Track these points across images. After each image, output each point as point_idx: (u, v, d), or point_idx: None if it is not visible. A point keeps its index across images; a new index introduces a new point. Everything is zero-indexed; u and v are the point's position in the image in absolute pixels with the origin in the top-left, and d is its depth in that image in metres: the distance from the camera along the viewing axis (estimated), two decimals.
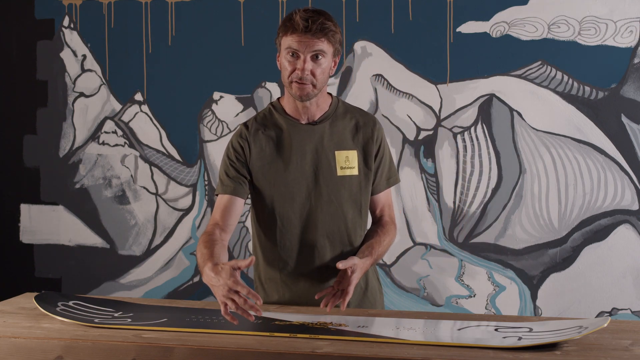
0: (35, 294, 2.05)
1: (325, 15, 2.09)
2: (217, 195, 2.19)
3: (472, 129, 3.25)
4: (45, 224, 3.67)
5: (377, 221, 2.24)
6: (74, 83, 3.62)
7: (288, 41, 2.07)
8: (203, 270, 1.94)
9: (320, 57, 2.06)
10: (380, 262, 3.33)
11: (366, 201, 2.19)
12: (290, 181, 2.14)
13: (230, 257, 3.49)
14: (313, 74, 2.07)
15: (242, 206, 2.17)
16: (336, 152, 2.15)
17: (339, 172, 2.14)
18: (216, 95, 3.48)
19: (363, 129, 2.18)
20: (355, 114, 2.21)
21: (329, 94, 2.22)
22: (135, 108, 3.57)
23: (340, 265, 1.99)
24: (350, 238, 2.16)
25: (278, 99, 2.22)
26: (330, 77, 2.19)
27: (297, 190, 2.14)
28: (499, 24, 3.21)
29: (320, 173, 2.14)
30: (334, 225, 2.15)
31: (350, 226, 2.16)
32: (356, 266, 2.03)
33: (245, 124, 2.21)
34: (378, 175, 2.20)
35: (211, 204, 3.49)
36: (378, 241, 2.16)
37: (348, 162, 2.16)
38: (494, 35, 3.22)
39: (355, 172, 2.16)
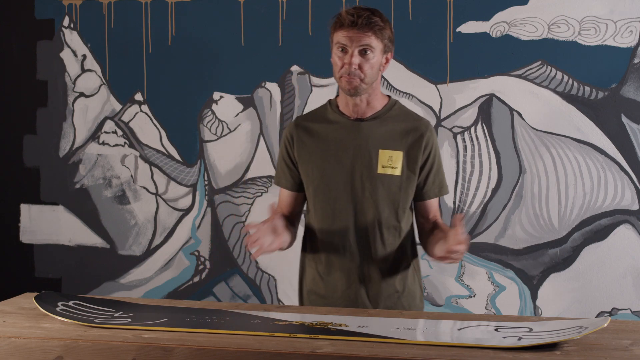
0: (35, 294, 2.05)
1: (374, 11, 2.13)
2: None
3: (472, 129, 3.25)
4: (45, 224, 3.67)
5: (437, 225, 2.23)
6: (74, 83, 3.62)
7: (337, 37, 2.12)
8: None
9: (368, 51, 2.09)
10: None
11: (404, 204, 2.20)
12: (329, 174, 2.18)
13: (230, 257, 3.49)
14: (361, 68, 2.10)
15: (297, 197, 2.29)
16: (380, 150, 2.17)
17: (380, 170, 2.17)
18: (216, 95, 3.48)
19: (413, 133, 2.19)
20: (409, 118, 2.23)
21: (388, 96, 2.25)
22: (135, 108, 3.57)
23: (458, 218, 1.96)
24: (384, 236, 2.18)
25: (336, 96, 2.27)
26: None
27: (334, 183, 2.18)
28: (499, 24, 3.21)
29: (359, 169, 2.17)
30: (368, 221, 2.17)
31: (384, 225, 2.18)
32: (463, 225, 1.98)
33: (297, 118, 2.30)
34: (429, 182, 2.22)
35: (211, 204, 3.49)
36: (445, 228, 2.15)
37: (391, 161, 2.17)
38: (494, 35, 3.22)
39: (397, 172, 2.17)
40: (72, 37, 3.61)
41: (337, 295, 2.21)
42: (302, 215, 2.37)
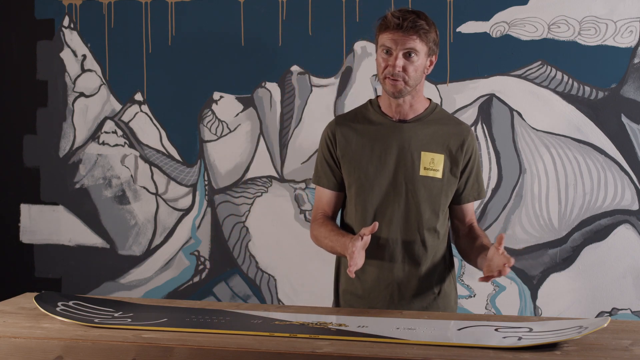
0: (35, 294, 2.05)
1: (419, 14, 2.14)
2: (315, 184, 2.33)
3: (472, 129, 3.25)
4: (45, 224, 3.67)
5: (473, 229, 2.25)
6: (74, 83, 3.62)
7: (382, 39, 2.14)
8: (344, 246, 2.08)
9: (412, 54, 2.10)
10: None
11: (444, 206, 2.21)
12: (371, 174, 2.19)
13: (230, 257, 3.49)
14: (405, 70, 2.11)
15: (338, 196, 2.29)
16: (422, 152, 2.18)
17: (422, 172, 2.17)
18: (216, 95, 3.48)
19: (454, 137, 2.21)
20: (451, 122, 2.25)
21: (429, 99, 2.26)
22: (135, 108, 3.57)
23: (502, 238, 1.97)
24: (424, 238, 2.19)
25: (377, 96, 2.27)
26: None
27: (377, 184, 2.18)
28: (499, 24, 3.21)
29: (402, 170, 2.17)
30: (409, 223, 2.18)
31: (425, 226, 2.18)
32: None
33: (337, 116, 2.31)
34: (468, 186, 2.24)
35: (211, 204, 3.49)
36: (487, 242, 2.15)
37: (433, 164, 2.18)
38: (494, 35, 3.22)
39: (438, 175, 2.18)
40: (72, 37, 3.61)
41: (374, 295, 2.21)
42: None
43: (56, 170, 3.65)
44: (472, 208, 2.29)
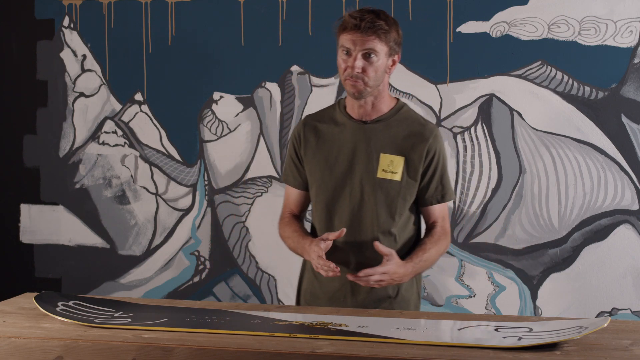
0: (35, 294, 2.05)
1: (379, 13, 2.11)
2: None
3: (472, 129, 3.25)
4: (45, 224, 3.67)
5: (427, 230, 2.25)
6: (74, 83, 3.62)
7: (342, 40, 2.12)
8: (303, 249, 2.16)
9: (372, 55, 2.09)
10: None
11: (401, 209, 2.19)
12: (329, 174, 2.19)
13: (230, 257, 3.49)
14: (365, 71, 2.09)
15: (305, 195, 2.31)
16: (381, 154, 2.16)
17: (380, 174, 2.16)
18: (216, 95, 3.48)
19: (416, 138, 2.17)
20: (414, 123, 2.21)
21: (397, 99, 2.24)
22: (135, 108, 3.57)
23: (379, 246, 2.05)
24: (378, 240, 2.15)
25: (347, 96, 2.26)
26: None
27: (334, 184, 2.19)
28: (499, 24, 3.21)
29: (359, 171, 2.16)
30: (364, 224, 2.17)
31: (379, 229, 2.16)
32: (392, 257, 2.05)
33: (306, 116, 2.31)
34: (431, 188, 2.20)
35: (211, 204, 3.49)
36: (422, 249, 2.17)
37: (392, 166, 2.16)
38: (494, 35, 3.22)
39: (397, 177, 2.16)
40: (72, 37, 3.61)
41: (330, 295, 2.21)
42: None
43: (56, 170, 3.65)
44: (437, 210, 2.24)
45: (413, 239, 2.26)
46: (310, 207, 2.33)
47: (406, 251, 2.21)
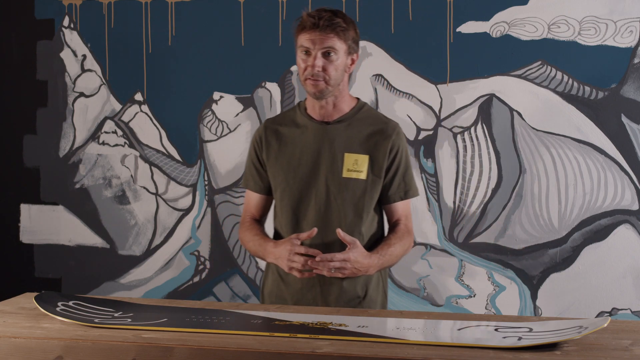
0: (35, 294, 2.05)
1: (336, 12, 2.12)
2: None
3: (472, 129, 3.25)
4: (45, 224, 3.67)
5: (391, 228, 2.24)
6: (74, 83, 3.62)
7: (300, 39, 2.12)
8: (266, 251, 2.15)
9: (331, 53, 2.09)
10: None
11: (368, 208, 2.18)
12: (294, 177, 2.18)
13: (230, 257, 3.49)
14: (325, 70, 2.09)
15: (266, 199, 2.30)
16: (346, 154, 2.16)
17: (345, 174, 2.15)
18: (216, 95, 3.48)
19: (379, 136, 2.18)
20: (376, 121, 2.21)
21: (357, 98, 2.24)
22: (135, 108, 3.57)
23: (341, 233, 2.05)
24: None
25: (306, 98, 2.26)
26: (350, 74, 2.20)
27: (299, 186, 2.17)
28: (499, 24, 3.21)
29: (324, 172, 2.16)
30: (331, 225, 2.16)
31: (347, 229, 2.15)
32: (355, 245, 2.05)
33: (266, 120, 2.30)
34: (394, 185, 2.20)
35: (211, 204, 3.49)
36: (387, 243, 2.17)
37: (356, 165, 2.16)
38: (494, 35, 3.22)
39: (362, 176, 2.16)
40: (72, 37, 3.61)
41: (298, 297, 2.20)
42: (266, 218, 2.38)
43: (56, 170, 3.65)
44: (400, 208, 2.23)
45: (378, 237, 2.25)
46: (272, 211, 2.33)
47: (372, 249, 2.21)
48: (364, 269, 2.08)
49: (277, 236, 2.26)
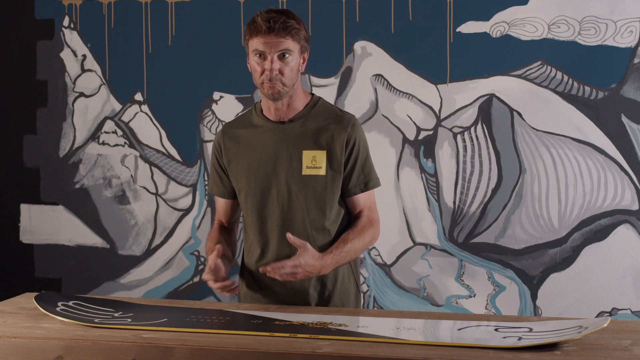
0: (35, 294, 2.05)
1: (288, 13, 2.13)
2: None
3: (472, 129, 3.25)
4: (45, 224, 3.67)
5: (352, 221, 2.24)
6: (74, 83, 3.62)
7: (254, 44, 2.12)
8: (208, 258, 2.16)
9: (287, 55, 2.10)
10: (380, 262, 3.33)
11: (331, 203, 2.18)
12: (255, 179, 2.20)
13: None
14: (281, 72, 2.11)
15: (232, 204, 2.32)
16: (304, 151, 2.17)
17: (305, 172, 2.16)
18: (216, 95, 3.48)
19: (334, 130, 2.18)
20: (331, 115, 2.21)
21: (312, 94, 2.25)
22: (135, 108, 3.57)
23: (291, 237, 2.05)
24: (312, 238, 2.16)
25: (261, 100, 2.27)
26: (302, 73, 2.21)
27: (260, 188, 2.20)
28: (499, 24, 3.21)
29: (284, 171, 2.17)
30: (294, 224, 2.17)
31: (312, 226, 2.16)
32: (305, 248, 2.06)
33: (225, 124, 2.33)
34: (354, 177, 2.20)
35: (211, 204, 3.49)
36: (344, 240, 2.16)
37: (315, 162, 2.17)
38: (494, 35, 3.22)
39: (321, 172, 2.16)
40: (72, 37, 3.61)
41: (269, 295, 2.21)
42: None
43: (56, 170, 3.65)
44: (362, 200, 2.23)
45: (344, 231, 2.23)
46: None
47: None
48: (317, 270, 2.09)
49: (247, 237, 2.28)
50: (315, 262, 2.07)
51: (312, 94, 2.26)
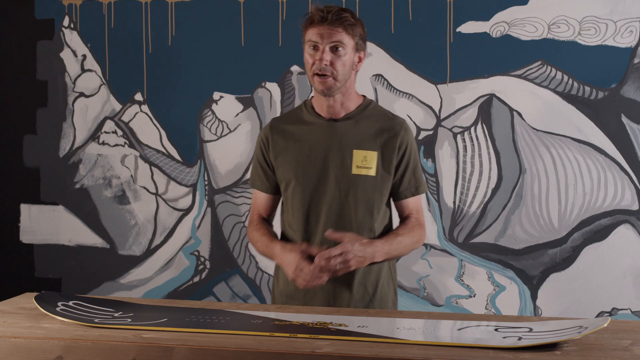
0: (35, 294, 2.05)
1: (345, 9, 2.12)
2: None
3: (472, 129, 3.25)
4: (45, 224, 3.67)
5: (401, 222, 2.24)
6: (74, 83, 3.62)
7: (308, 34, 2.11)
8: (273, 253, 2.15)
9: (339, 48, 2.08)
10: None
11: (379, 204, 2.18)
12: (303, 176, 2.17)
13: (230, 257, 3.49)
14: (333, 65, 2.08)
15: (273, 199, 2.30)
16: (354, 150, 2.16)
17: (354, 171, 2.15)
18: (216, 95, 3.48)
19: (387, 132, 2.18)
20: (383, 118, 2.21)
21: (363, 96, 2.24)
22: (135, 108, 3.57)
23: (332, 233, 2.05)
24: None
25: (312, 97, 2.25)
26: (356, 72, 2.19)
27: (309, 185, 2.17)
28: (499, 24, 3.21)
29: (334, 170, 2.15)
30: (342, 223, 2.16)
31: (359, 226, 2.16)
32: (347, 237, 2.04)
33: (272, 119, 2.29)
34: (405, 181, 2.20)
35: (211, 204, 3.49)
36: (395, 233, 2.16)
37: (365, 162, 2.16)
38: (494, 35, 3.22)
39: (372, 172, 2.16)
40: (72, 37, 3.61)
41: (309, 297, 2.20)
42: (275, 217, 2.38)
43: (56, 170, 3.65)
44: (411, 204, 2.23)
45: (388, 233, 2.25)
46: (279, 210, 2.33)
47: None
48: (369, 255, 2.06)
49: (287, 234, 2.26)
50: (365, 247, 2.05)
51: (364, 96, 2.25)
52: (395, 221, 2.29)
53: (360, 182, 2.15)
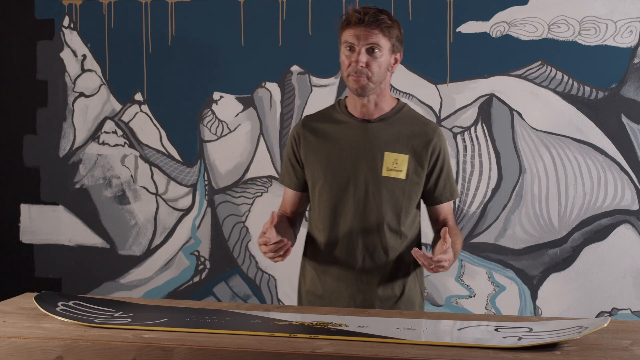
0: (35, 294, 2.05)
1: (382, 10, 2.11)
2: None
3: (472, 129, 3.25)
4: (45, 224, 3.67)
5: (442, 226, 2.22)
6: (74, 83, 3.62)
7: (345, 35, 2.10)
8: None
9: (376, 50, 2.08)
10: None
11: (407, 208, 2.18)
12: (333, 174, 2.17)
13: (230, 257, 3.49)
14: (369, 66, 2.08)
15: (300, 196, 2.29)
16: (386, 152, 2.15)
17: (384, 173, 2.14)
18: (216, 95, 3.48)
19: (420, 137, 2.17)
20: (417, 122, 2.21)
21: (397, 99, 2.24)
22: (135, 108, 3.57)
23: (446, 237, 1.96)
24: (384, 240, 2.15)
25: (346, 97, 2.25)
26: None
27: (338, 183, 2.17)
28: (499, 24, 3.21)
29: (364, 171, 2.15)
30: (369, 223, 2.15)
31: (386, 228, 2.16)
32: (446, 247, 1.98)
33: (305, 117, 2.29)
34: (440, 186, 2.20)
35: (211, 204, 3.49)
36: (453, 241, 2.10)
37: (396, 164, 2.15)
38: (494, 35, 3.22)
39: (402, 176, 2.15)
40: (72, 37, 3.61)
41: (335, 296, 2.20)
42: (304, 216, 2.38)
43: (56, 170, 3.65)
44: (445, 208, 2.24)
45: (416, 239, 2.25)
46: (308, 208, 2.33)
47: (410, 250, 2.21)
48: (448, 265, 2.02)
49: (314, 233, 2.26)
50: (453, 256, 2.03)
51: (398, 99, 2.25)
52: (424, 226, 2.31)
53: (389, 184, 2.15)
